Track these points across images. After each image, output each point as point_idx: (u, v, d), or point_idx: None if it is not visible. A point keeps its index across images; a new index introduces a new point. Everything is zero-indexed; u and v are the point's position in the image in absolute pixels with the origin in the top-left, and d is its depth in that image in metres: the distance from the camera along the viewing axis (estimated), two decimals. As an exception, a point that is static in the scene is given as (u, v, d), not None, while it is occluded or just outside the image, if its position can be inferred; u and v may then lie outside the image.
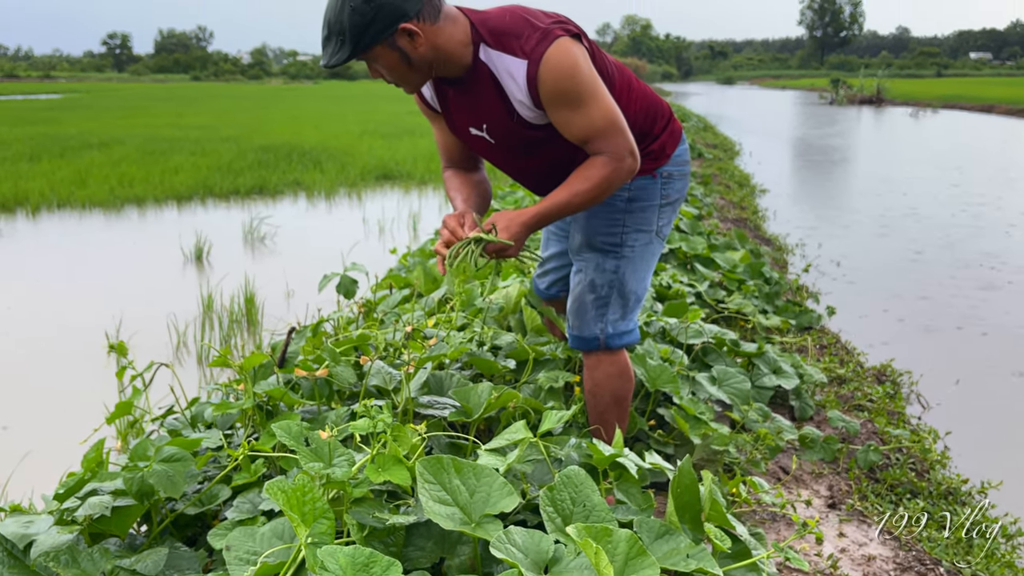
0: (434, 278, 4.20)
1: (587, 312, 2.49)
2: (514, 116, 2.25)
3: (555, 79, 2.13)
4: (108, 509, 1.71)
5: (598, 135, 2.19)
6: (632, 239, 2.47)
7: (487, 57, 2.19)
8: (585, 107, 2.17)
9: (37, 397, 4.72)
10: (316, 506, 1.58)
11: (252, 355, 2.24)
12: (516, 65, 2.16)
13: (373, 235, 9.18)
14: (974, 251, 8.09)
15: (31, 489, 3.08)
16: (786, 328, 4.75)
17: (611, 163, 2.20)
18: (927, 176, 13.80)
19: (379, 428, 1.79)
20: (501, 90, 2.21)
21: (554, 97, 2.16)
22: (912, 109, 34.75)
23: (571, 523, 1.77)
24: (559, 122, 2.21)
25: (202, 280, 7.12)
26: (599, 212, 2.45)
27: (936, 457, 3.45)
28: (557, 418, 2.09)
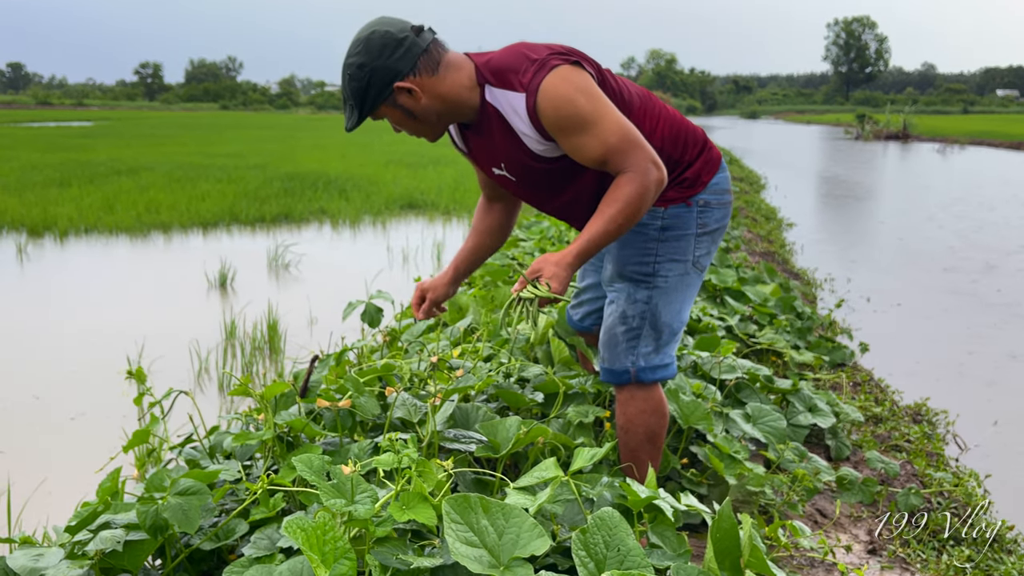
0: (459, 307, 4.13)
1: (618, 344, 2.41)
2: (526, 151, 2.25)
3: (555, 107, 2.12)
4: (120, 544, 1.64)
5: (613, 153, 2.14)
6: (665, 269, 2.39)
7: (492, 97, 2.20)
8: (593, 128, 2.13)
9: (56, 422, 4.67)
10: (337, 545, 1.50)
11: (273, 384, 2.17)
12: (517, 99, 2.16)
13: (397, 264, 9.14)
14: (1009, 288, 7.92)
15: (46, 518, 3.02)
16: (819, 364, 4.63)
17: (636, 178, 2.14)
18: (959, 212, 13.62)
19: (404, 463, 1.71)
20: (510, 127, 2.22)
21: (558, 125, 2.14)
22: (939, 145, 34.51)
23: (605, 568, 1.68)
24: (571, 149, 2.18)
25: (225, 306, 7.09)
26: (631, 241, 2.39)
27: (980, 501, 3.31)
28: (589, 456, 2.00)
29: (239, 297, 7.49)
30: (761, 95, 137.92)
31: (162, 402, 2.41)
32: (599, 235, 2.17)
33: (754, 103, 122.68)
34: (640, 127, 2.25)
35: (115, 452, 3.88)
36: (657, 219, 2.37)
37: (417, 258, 9.40)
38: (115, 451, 3.98)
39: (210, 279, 7.99)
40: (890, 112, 46.10)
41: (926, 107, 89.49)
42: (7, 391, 5.14)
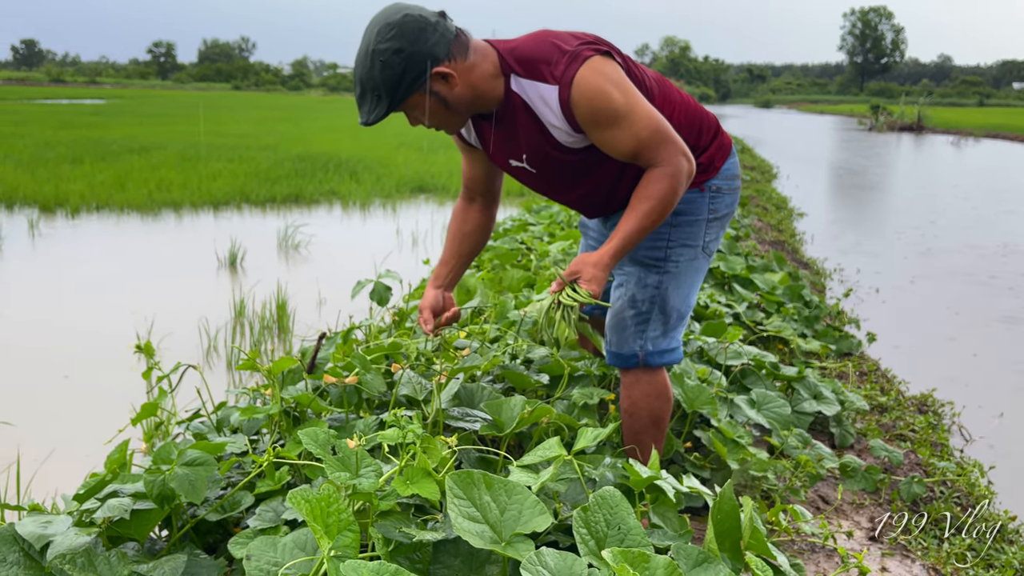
0: (467, 289, 4.14)
1: (626, 328, 2.40)
2: (552, 143, 2.21)
3: (589, 100, 2.08)
4: (127, 512, 1.66)
5: (646, 147, 2.12)
6: (677, 254, 2.38)
7: (519, 87, 2.15)
8: (626, 122, 2.10)
9: (66, 395, 4.71)
10: (341, 518, 1.52)
11: (280, 359, 2.19)
12: (548, 91, 2.12)
13: (406, 246, 9.15)
14: (1020, 279, 7.89)
15: (54, 488, 3.05)
16: (825, 353, 4.63)
17: (668, 172, 2.12)
18: (972, 205, 13.56)
19: (409, 439, 1.72)
20: (536, 118, 2.17)
21: (592, 118, 2.11)
22: (954, 138, 34.28)
23: (605, 546, 1.70)
24: (603, 142, 2.15)
25: (235, 285, 7.12)
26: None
27: (982, 492, 3.31)
28: (592, 436, 2.01)
29: (248, 276, 7.51)
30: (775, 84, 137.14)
31: (170, 376, 2.43)
32: (634, 232, 2.15)
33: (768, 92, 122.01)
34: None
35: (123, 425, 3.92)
36: None
37: (426, 241, 9.41)
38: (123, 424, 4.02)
39: (220, 258, 8.02)
40: (904, 104, 45.82)
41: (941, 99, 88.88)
42: (16, 364, 5.19)
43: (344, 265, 8.12)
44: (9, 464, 3.35)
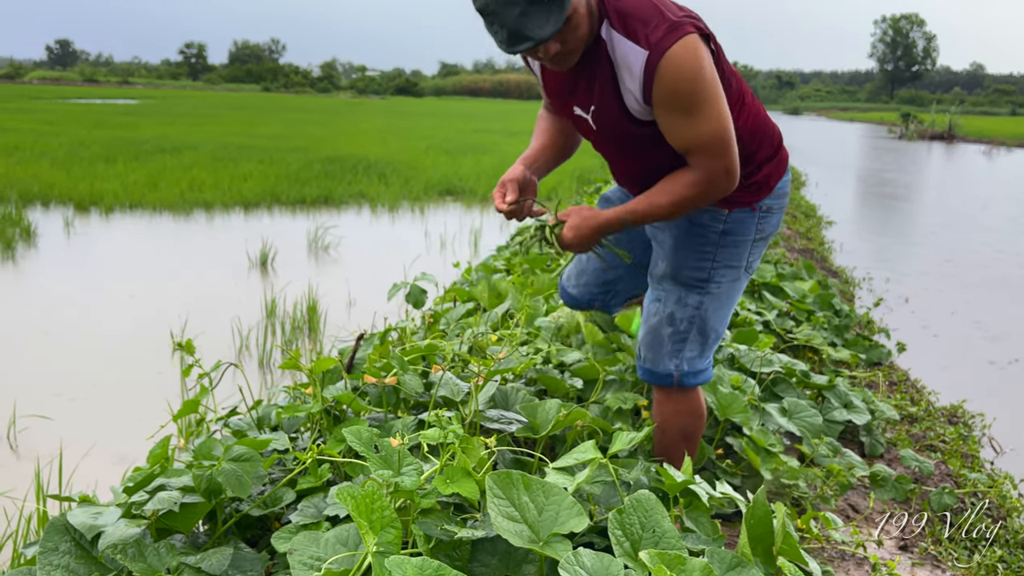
0: (498, 293, 4.18)
1: (663, 347, 2.34)
2: (621, 106, 2.10)
3: (674, 78, 1.98)
4: (176, 505, 1.71)
5: (701, 149, 2.06)
6: (720, 275, 2.32)
7: (609, 38, 2.04)
8: (697, 116, 2.02)
9: (103, 392, 4.80)
10: (384, 514, 1.56)
11: (321, 359, 2.23)
12: (636, 53, 2.00)
13: (435, 249, 9.20)
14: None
15: (95, 481, 3.12)
16: (855, 362, 4.62)
17: (701, 183, 2.08)
18: (1004, 216, 13.42)
19: (449, 439, 1.76)
20: (614, 76, 2.06)
21: (668, 97, 2.01)
22: (986, 147, 33.91)
23: (640, 548, 1.72)
24: (664, 125, 2.07)
25: (266, 286, 7.20)
26: (689, 243, 2.31)
27: (1014, 504, 3.30)
28: (627, 440, 2.04)
29: (279, 277, 7.59)
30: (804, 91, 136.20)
31: (210, 374, 2.48)
32: (638, 215, 2.13)
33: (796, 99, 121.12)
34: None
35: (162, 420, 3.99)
36: (719, 222, 2.29)
37: (455, 244, 9.46)
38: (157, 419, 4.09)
39: (251, 258, 8.11)
40: (935, 112, 45.35)
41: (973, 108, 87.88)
42: (53, 360, 5.28)
43: (373, 267, 8.19)
44: (51, 458, 3.43)
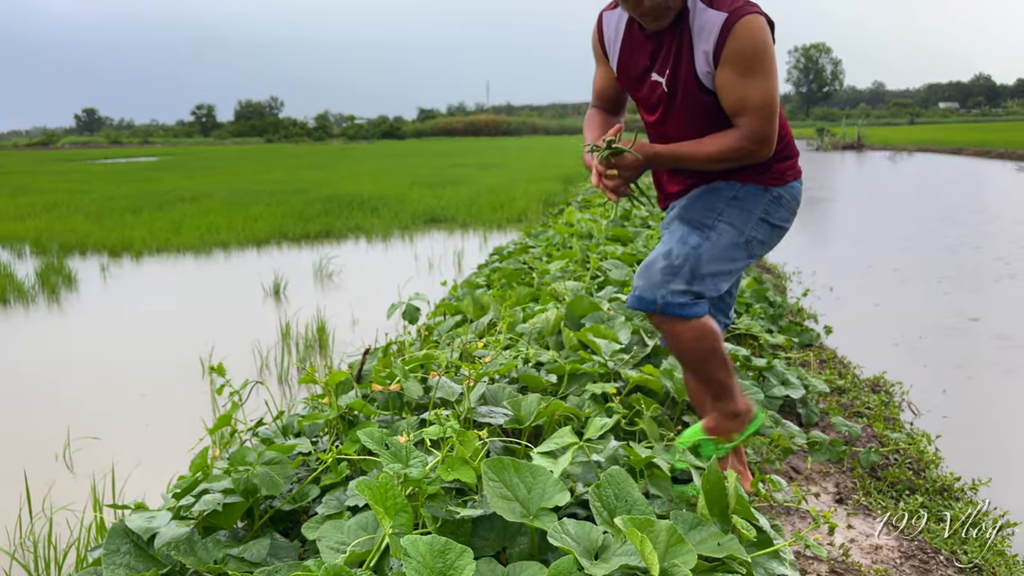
0: (481, 305, 4.21)
1: (654, 276, 2.23)
2: (694, 70, 2.10)
3: (744, 39, 2.01)
4: (220, 505, 1.73)
5: (750, 110, 2.06)
6: (722, 228, 2.24)
7: (693, 7, 2.07)
8: (754, 79, 2.03)
9: (144, 412, 4.78)
10: (397, 501, 1.59)
11: (335, 372, 2.26)
12: (717, 17, 2.03)
13: (424, 271, 9.22)
14: (957, 273, 7.95)
15: (144, 491, 3.12)
16: (790, 345, 4.69)
17: (745, 140, 2.07)
18: (912, 206, 13.63)
19: (448, 433, 1.80)
20: (690, 43, 2.08)
21: (733, 55, 2.02)
22: (890, 152, 34.37)
23: (616, 516, 1.76)
24: (723, 82, 2.05)
25: (280, 311, 7.19)
26: (703, 197, 2.29)
27: (931, 458, 3.37)
28: (600, 425, 2.08)
29: (291, 303, 7.58)
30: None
31: (240, 391, 2.50)
32: (684, 154, 2.11)
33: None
34: None
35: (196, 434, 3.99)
36: (732, 190, 2.27)
37: (441, 265, 9.48)
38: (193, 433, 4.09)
39: (265, 288, 8.09)
40: (846, 125, 45.94)
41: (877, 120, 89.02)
42: (99, 388, 5.26)
43: (372, 289, 8.20)
44: (104, 474, 3.42)
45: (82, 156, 50.92)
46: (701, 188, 2.33)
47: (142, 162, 39.44)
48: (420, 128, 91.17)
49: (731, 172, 2.27)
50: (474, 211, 13.85)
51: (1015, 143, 31.79)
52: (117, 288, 8.73)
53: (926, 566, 2.44)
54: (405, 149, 48.75)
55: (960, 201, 14.92)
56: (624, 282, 4.61)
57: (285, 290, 8.07)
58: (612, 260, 5.06)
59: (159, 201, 15.96)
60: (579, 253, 5.42)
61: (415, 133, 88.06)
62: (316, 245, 11.28)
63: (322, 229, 12.28)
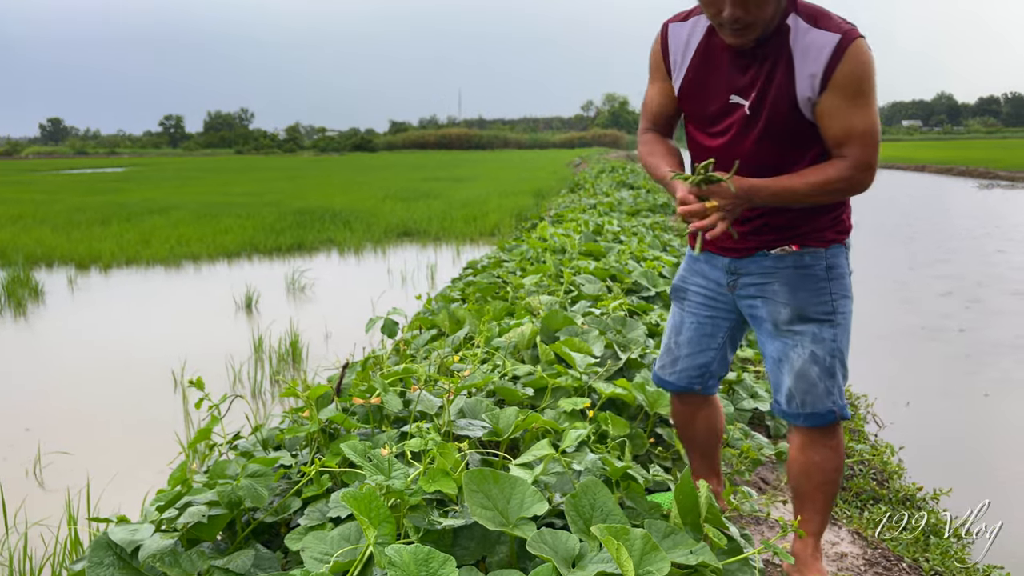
0: (457, 319, 4.25)
1: (817, 386, 2.10)
2: (792, 92, 1.94)
3: (857, 63, 1.90)
4: (205, 517, 1.75)
5: (856, 138, 1.93)
6: (842, 306, 2.14)
7: (795, 25, 1.93)
8: (862, 105, 1.92)
9: (116, 427, 4.75)
10: (381, 512, 1.63)
11: (316, 387, 2.30)
12: (827, 37, 1.90)
13: (396, 284, 9.24)
14: (922, 284, 8.14)
15: (119, 504, 3.11)
16: (758, 359, 4.79)
17: (851, 169, 1.94)
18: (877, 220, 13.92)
19: (429, 446, 1.84)
20: (790, 64, 1.93)
21: (846, 78, 1.90)
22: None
23: (592, 525, 1.82)
24: (830, 108, 1.92)
25: (252, 325, 7.17)
26: (803, 284, 2.11)
27: (894, 468, 3.47)
28: (575, 437, 2.14)
29: (263, 317, 7.56)
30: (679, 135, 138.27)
31: (219, 406, 2.52)
32: (782, 188, 1.94)
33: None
34: None
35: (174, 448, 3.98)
36: (821, 259, 2.12)
37: (414, 278, 9.51)
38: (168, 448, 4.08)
39: (237, 302, 8.06)
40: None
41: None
42: (69, 403, 5.21)
43: (345, 303, 8.21)
44: (78, 488, 3.41)
45: (47, 166, 50.20)
46: (786, 273, 2.12)
47: (109, 173, 38.96)
48: (392, 141, 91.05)
49: (806, 235, 2.11)
50: (447, 225, 13.89)
51: (976, 160, 32.60)
52: (86, 301, 8.64)
53: (889, 573, 2.53)
54: (377, 162, 48.69)
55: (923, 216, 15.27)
56: (597, 296, 4.68)
57: (257, 304, 8.05)
58: (585, 275, 5.14)
59: (127, 213, 15.79)
60: (553, 267, 5.49)
61: (387, 146, 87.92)
62: (288, 258, 11.25)
63: (294, 242, 12.25)
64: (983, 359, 5.66)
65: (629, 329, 3.80)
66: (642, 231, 8.99)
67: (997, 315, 6.97)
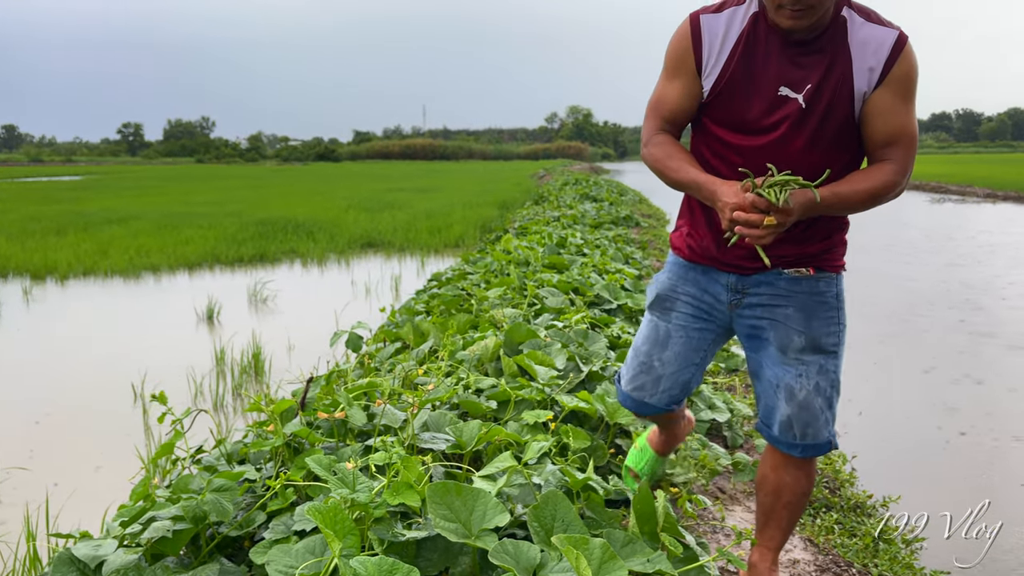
0: (421, 332, 4.29)
1: (819, 417, 2.05)
2: (850, 85, 1.87)
3: (911, 62, 1.88)
4: (170, 532, 1.77)
5: (901, 140, 1.89)
6: (843, 336, 2.10)
7: (850, 18, 1.88)
8: (911, 106, 1.90)
9: (73, 442, 4.69)
10: (345, 525, 1.66)
11: (281, 401, 2.32)
12: (885, 33, 1.87)
13: (360, 296, 9.22)
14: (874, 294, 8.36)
15: (79, 520, 3.08)
16: (716, 371, 4.89)
17: (899, 174, 1.88)
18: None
19: (393, 460, 1.88)
20: (848, 57, 1.87)
21: (902, 77, 1.87)
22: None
23: (553, 535, 1.87)
24: (883, 105, 1.87)
25: (214, 337, 7.11)
26: (818, 311, 2.05)
27: (845, 476, 3.58)
28: (537, 449, 2.19)
29: (225, 329, 7.50)
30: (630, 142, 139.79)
31: (182, 420, 2.52)
32: (839, 195, 1.84)
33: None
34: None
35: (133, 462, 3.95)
36: (833, 286, 2.08)
37: (378, 290, 9.50)
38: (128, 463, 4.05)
39: (199, 313, 7.99)
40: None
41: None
42: (26, 417, 5.12)
43: (308, 315, 8.17)
44: (36, 504, 3.37)
45: (1, 174, 49.04)
46: (802, 298, 2.04)
47: (66, 181, 38.21)
48: (356, 151, 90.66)
49: (822, 258, 2.05)
50: (411, 236, 13.89)
51: (928, 175, 33.45)
52: (41, 313, 8.48)
53: (840, 579, 2.61)
54: (341, 172, 48.45)
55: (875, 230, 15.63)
56: (560, 309, 4.74)
57: (219, 315, 7.98)
58: (548, 288, 5.20)
59: (85, 222, 15.53)
60: (517, 280, 5.55)
61: (351, 156, 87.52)
62: (250, 269, 11.16)
63: (256, 253, 12.15)
64: (937, 368, 5.83)
65: (591, 342, 3.87)
66: (605, 244, 9.11)
67: (950, 325, 7.18)
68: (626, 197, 20.20)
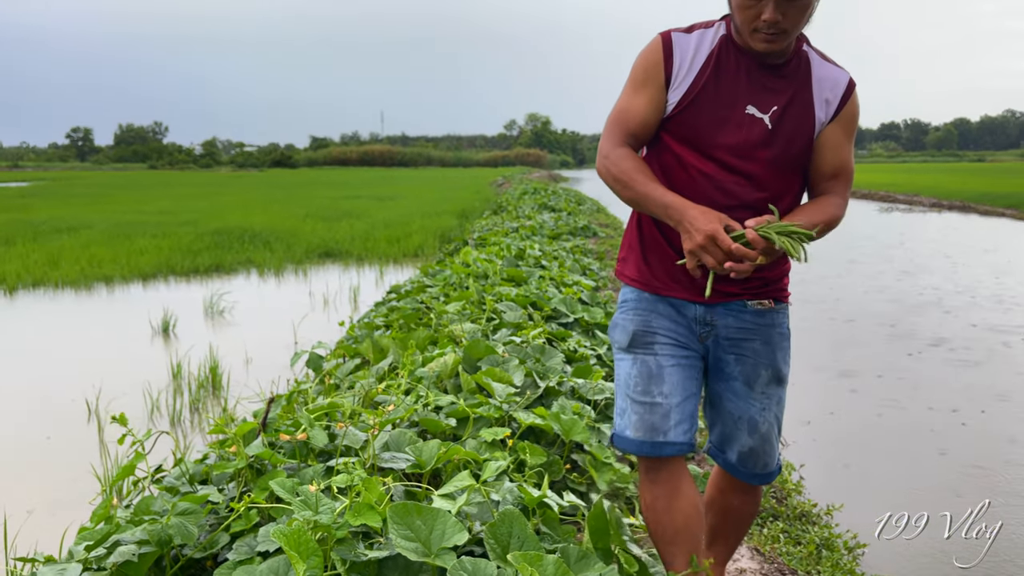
0: (381, 348, 4.34)
1: (775, 447, 2.14)
2: (811, 116, 1.98)
3: (857, 107, 2.04)
4: (136, 556, 1.81)
5: (845, 175, 2.02)
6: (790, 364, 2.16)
7: (811, 54, 2.01)
8: (851, 145, 2.04)
9: (26, 461, 4.64)
10: (309, 546, 1.73)
11: (244, 423, 2.36)
12: (840, 74, 2.01)
13: (319, 307, 9.21)
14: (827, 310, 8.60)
15: (36, 542, 3.08)
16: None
17: (840, 207, 2.00)
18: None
19: (355, 481, 1.94)
20: (810, 90, 1.98)
21: (850, 117, 2.02)
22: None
23: (509, 552, 1.95)
24: (833, 139, 1.99)
25: (170, 351, 7.05)
26: (780, 343, 2.10)
27: (792, 486, 3.72)
28: (495, 468, 2.27)
29: (181, 342, 7.45)
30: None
31: (143, 441, 2.55)
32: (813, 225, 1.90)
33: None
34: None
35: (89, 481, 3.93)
36: (785, 317, 2.13)
37: (336, 301, 9.49)
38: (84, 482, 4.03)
39: (153, 326, 7.91)
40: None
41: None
42: (-23, 435, 5.05)
43: (266, 327, 8.14)
44: (-9, 525, 3.34)
45: (-57, 179, 47.64)
46: (767, 331, 2.08)
47: (12, 187, 37.27)
48: (313, 157, 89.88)
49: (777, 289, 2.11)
50: (370, 245, 13.88)
51: (877, 184, 34.35)
52: (-10, 326, 8.33)
53: (785, 586, 2.74)
54: (298, 179, 48.01)
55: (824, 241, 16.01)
56: (518, 324, 4.83)
57: (174, 328, 7.91)
58: (507, 302, 5.29)
59: (34, 231, 15.22)
60: (476, 294, 5.63)
61: (308, 162, 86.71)
62: (206, 280, 11.07)
63: (212, 263, 12.05)
64: (883, 376, 6.05)
65: (548, 357, 3.96)
66: (563, 255, 9.24)
67: (896, 334, 7.44)
68: (584, 207, 20.40)
